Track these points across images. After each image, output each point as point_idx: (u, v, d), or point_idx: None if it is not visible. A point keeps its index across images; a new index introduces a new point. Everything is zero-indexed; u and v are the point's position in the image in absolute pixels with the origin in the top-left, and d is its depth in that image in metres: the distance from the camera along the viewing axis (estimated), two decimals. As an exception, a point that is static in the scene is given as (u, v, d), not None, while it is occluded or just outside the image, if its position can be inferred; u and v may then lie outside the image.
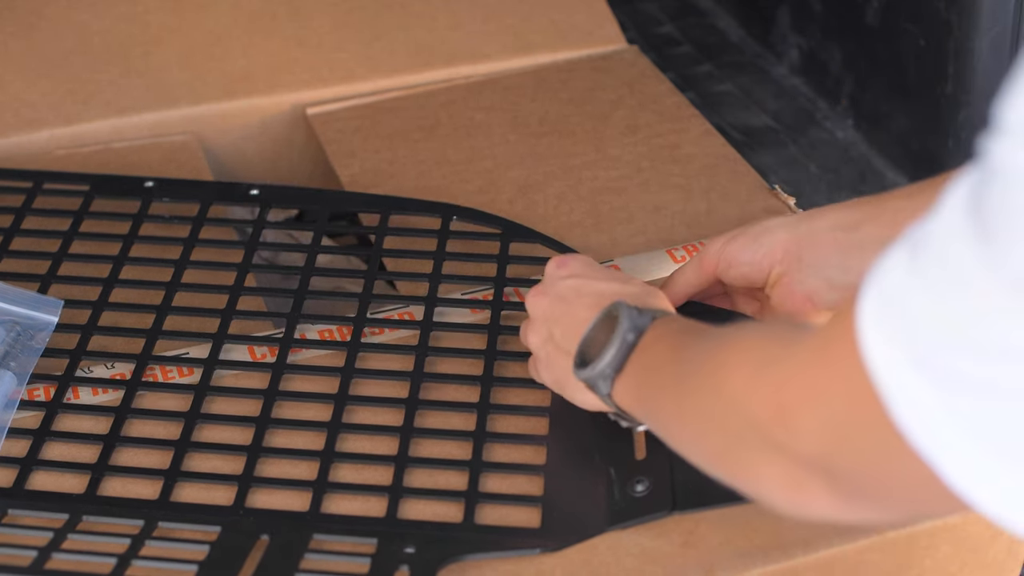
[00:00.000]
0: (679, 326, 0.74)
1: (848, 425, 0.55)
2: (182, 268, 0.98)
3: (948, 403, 0.50)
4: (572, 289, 0.81)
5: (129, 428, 0.87)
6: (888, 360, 0.52)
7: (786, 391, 0.58)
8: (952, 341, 0.50)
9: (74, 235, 1.02)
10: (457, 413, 0.87)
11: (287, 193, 1.07)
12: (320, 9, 1.31)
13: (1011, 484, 0.50)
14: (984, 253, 0.48)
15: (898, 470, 0.54)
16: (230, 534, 0.79)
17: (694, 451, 0.69)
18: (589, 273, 0.82)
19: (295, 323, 0.93)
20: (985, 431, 0.50)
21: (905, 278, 0.52)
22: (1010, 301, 0.48)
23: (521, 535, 0.79)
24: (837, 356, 0.55)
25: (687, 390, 0.67)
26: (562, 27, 1.29)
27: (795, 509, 0.61)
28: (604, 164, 1.12)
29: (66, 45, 1.26)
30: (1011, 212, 0.47)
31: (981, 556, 0.85)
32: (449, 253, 0.99)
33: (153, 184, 1.06)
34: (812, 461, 0.58)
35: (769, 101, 1.57)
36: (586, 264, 0.84)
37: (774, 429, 0.59)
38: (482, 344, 0.91)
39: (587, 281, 0.81)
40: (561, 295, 0.81)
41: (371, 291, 0.96)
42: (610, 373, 0.75)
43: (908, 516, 0.60)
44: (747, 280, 0.85)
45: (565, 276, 0.82)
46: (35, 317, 0.93)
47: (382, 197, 1.05)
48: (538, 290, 0.83)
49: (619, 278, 0.82)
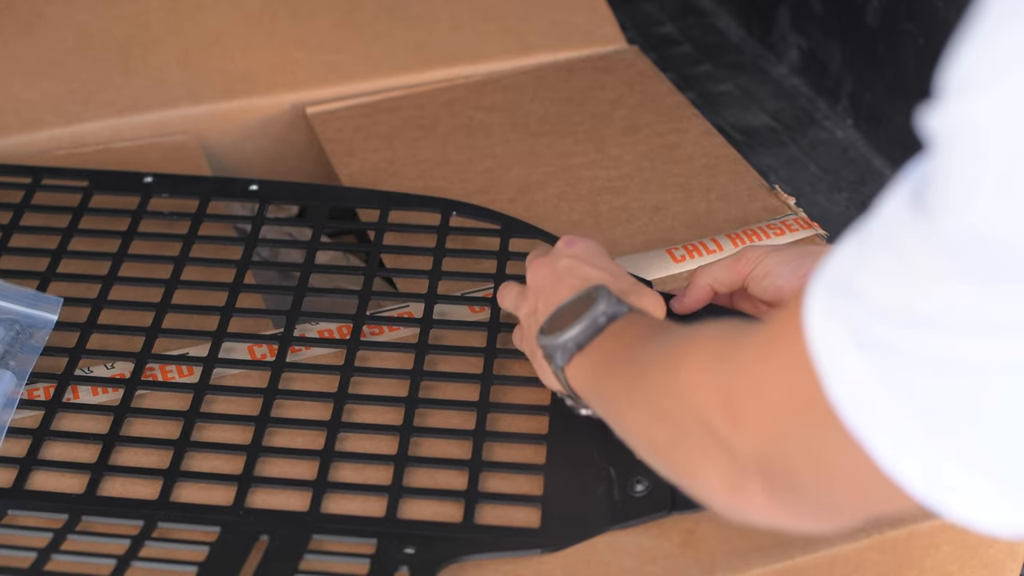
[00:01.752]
0: (649, 322, 0.75)
1: (788, 416, 0.55)
2: (181, 265, 0.98)
3: (880, 376, 0.50)
4: (567, 268, 0.82)
5: (129, 428, 0.87)
6: (830, 341, 0.52)
7: (732, 384, 0.58)
8: (888, 314, 0.50)
9: (73, 231, 1.02)
10: (457, 412, 0.87)
11: (286, 189, 1.07)
12: (320, 9, 1.31)
13: (935, 459, 0.49)
14: (920, 223, 0.48)
15: (834, 461, 0.53)
16: (229, 535, 0.79)
17: (640, 441, 0.69)
18: (589, 258, 0.83)
19: (295, 321, 0.93)
20: (912, 403, 0.49)
21: (852, 263, 0.52)
22: (940, 265, 0.47)
23: (521, 535, 0.79)
24: (782, 347, 0.55)
25: (640, 380, 0.67)
26: (562, 27, 1.29)
27: (733, 511, 0.61)
28: (604, 164, 1.12)
29: (66, 45, 1.25)
30: (944, 176, 0.47)
31: (981, 556, 0.84)
32: (449, 250, 0.99)
33: (152, 180, 1.06)
34: (752, 459, 0.58)
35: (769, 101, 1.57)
36: (591, 250, 0.84)
37: (718, 423, 0.59)
38: (482, 342, 0.91)
39: (583, 265, 0.82)
40: (557, 272, 0.82)
41: (371, 289, 0.96)
42: (571, 348, 0.76)
43: (848, 519, 0.59)
44: (777, 294, 0.85)
45: (568, 255, 0.83)
46: (34, 315, 0.92)
47: (381, 193, 1.05)
48: (541, 261, 0.84)
49: (614, 271, 0.83)
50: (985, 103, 0.46)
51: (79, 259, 1.00)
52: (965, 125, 0.46)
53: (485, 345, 0.91)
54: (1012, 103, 0.45)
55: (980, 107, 0.46)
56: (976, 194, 0.46)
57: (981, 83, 0.46)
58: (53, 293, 0.95)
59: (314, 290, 0.96)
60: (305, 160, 1.23)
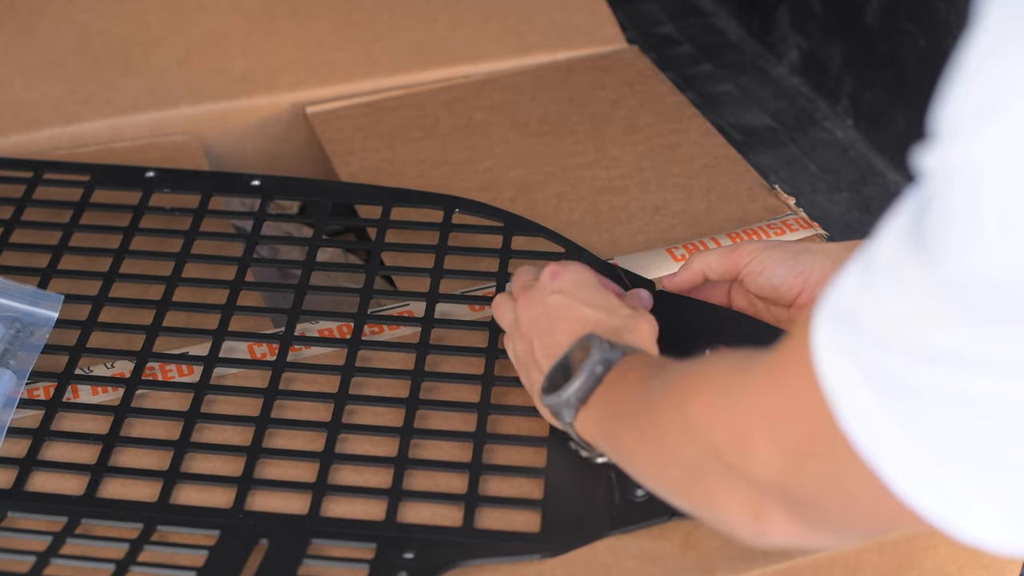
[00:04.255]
0: (648, 361, 0.74)
1: (803, 445, 0.55)
2: (182, 262, 0.98)
3: (891, 408, 0.51)
4: (559, 308, 0.80)
5: (129, 428, 0.87)
6: (839, 372, 0.52)
7: (742, 416, 0.58)
8: (895, 348, 0.50)
9: (74, 227, 1.02)
10: (458, 413, 0.87)
11: (288, 184, 1.07)
12: (320, 9, 1.31)
13: (949, 486, 0.50)
14: (921, 260, 0.49)
15: (853, 488, 0.54)
16: (229, 539, 0.79)
17: (657, 482, 0.69)
18: (578, 294, 0.81)
19: (295, 320, 0.93)
20: (924, 434, 0.50)
21: (856, 292, 0.52)
22: (941, 306, 0.48)
23: (520, 539, 0.79)
24: (790, 376, 0.55)
25: (649, 421, 0.67)
26: (562, 27, 1.29)
27: (757, 538, 0.61)
28: (604, 164, 1.12)
29: (66, 45, 1.25)
30: (942, 217, 0.47)
31: (980, 557, 0.84)
32: (451, 247, 0.99)
33: (154, 175, 1.05)
34: (771, 487, 0.58)
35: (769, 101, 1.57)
36: (579, 282, 0.82)
37: (732, 455, 0.59)
38: (483, 342, 0.91)
39: (575, 304, 0.80)
40: (548, 311, 0.81)
41: (372, 287, 0.95)
42: (575, 403, 0.75)
43: (868, 536, 0.60)
44: (773, 292, 0.85)
45: (556, 290, 0.81)
46: (35, 313, 0.92)
47: (383, 189, 1.05)
48: (531, 296, 0.82)
49: (605, 305, 0.81)
50: (979, 143, 0.46)
51: (80, 255, 1.00)
52: (960, 166, 0.46)
53: (487, 345, 0.91)
54: (1006, 143, 0.45)
55: (974, 148, 0.46)
56: (975, 236, 0.46)
57: (973, 123, 0.46)
58: (54, 290, 0.95)
59: (315, 288, 0.96)
60: (305, 160, 1.23)
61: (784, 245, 0.86)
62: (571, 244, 0.98)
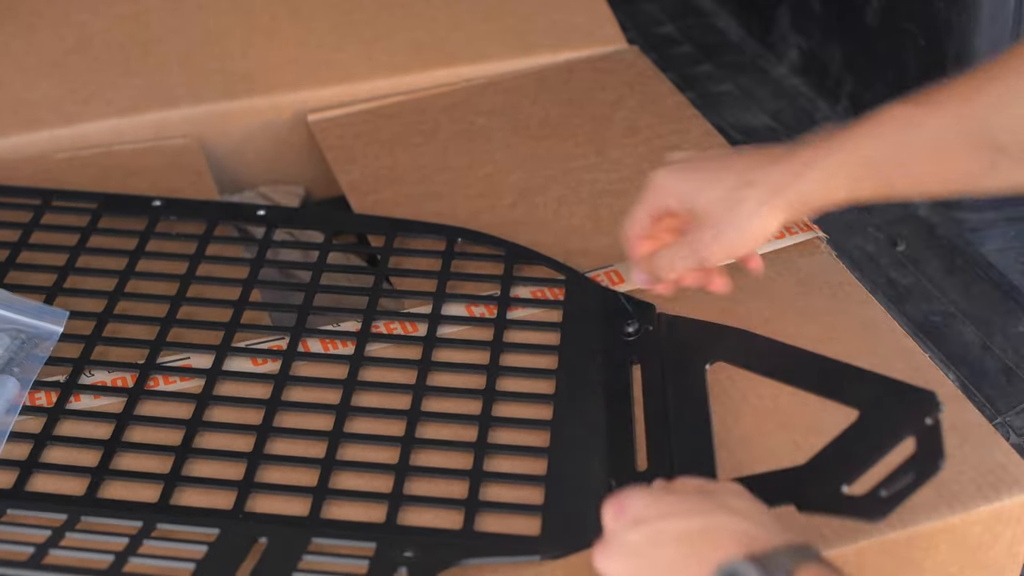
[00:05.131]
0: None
1: None
2: (187, 283, 0.98)
3: None
4: (646, 541, 0.69)
5: (130, 434, 0.87)
6: None
7: None
8: None
9: (81, 250, 1.02)
10: (458, 425, 0.87)
11: (293, 214, 1.07)
12: (320, 10, 1.31)
13: None
14: None
15: None
16: (228, 535, 0.79)
17: None
18: (652, 515, 0.70)
19: (299, 337, 0.93)
20: None
21: None
22: None
23: (520, 542, 0.79)
24: None
25: None
26: (562, 27, 1.29)
27: None
28: (605, 166, 1.12)
29: (66, 45, 1.25)
30: None
31: (981, 557, 0.85)
32: (453, 273, 0.99)
33: (161, 203, 1.05)
34: None
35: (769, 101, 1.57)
36: (645, 502, 0.71)
37: None
38: (485, 360, 0.91)
39: (656, 527, 0.69)
40: (635, 550, 0.69)
41: (375, 308, 0.96)
42: None
43: None
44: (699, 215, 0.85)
45: (629, 526, 0.70)
46: (40, 327, 0.93)
47: (388, 220, 1.05)
48: (604, 551, 0.70)
49: (698, 509, 0.70)
50: None
51: (86, 275, 1.00)
52: None
53: (488, 363, 0.91)
54: None
55: None
56: None
57: None
58: (60, 307, 0.95)
59: (319, 308, 0.96)
60: (305, 161, 1.23)
61: (685, 165, 0.87)
62: (571, 272, 0.98)
